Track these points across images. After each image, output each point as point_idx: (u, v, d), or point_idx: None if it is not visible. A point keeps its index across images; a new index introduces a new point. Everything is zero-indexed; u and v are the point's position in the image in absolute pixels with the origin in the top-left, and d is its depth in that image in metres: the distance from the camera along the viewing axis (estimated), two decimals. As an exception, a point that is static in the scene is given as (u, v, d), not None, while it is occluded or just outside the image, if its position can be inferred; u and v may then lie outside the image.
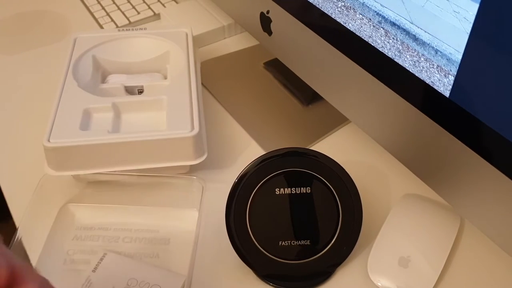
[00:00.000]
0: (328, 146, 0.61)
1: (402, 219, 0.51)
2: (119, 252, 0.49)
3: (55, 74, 0.58)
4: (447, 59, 0.37)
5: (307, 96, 0.66)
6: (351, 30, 0.45)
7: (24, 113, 0.65)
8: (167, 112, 0.53)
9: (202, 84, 0.66)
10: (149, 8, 0.83)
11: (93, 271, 0.47)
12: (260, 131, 0.62)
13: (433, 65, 0.38)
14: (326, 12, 0.48)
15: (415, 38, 0.39)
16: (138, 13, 0.82)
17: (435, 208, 0.52)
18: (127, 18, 0.81)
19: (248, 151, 0.60)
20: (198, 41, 0.75)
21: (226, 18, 0.78)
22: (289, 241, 0.47)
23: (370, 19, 0.43)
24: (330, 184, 0.47)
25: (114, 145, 0.50)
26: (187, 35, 0.64)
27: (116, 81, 0.61)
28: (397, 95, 0.43)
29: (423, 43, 0.39)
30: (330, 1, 0.47)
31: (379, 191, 0.56)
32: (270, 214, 0.47)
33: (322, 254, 0.47)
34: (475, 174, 0.39)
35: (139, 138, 0.50)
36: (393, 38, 0.41)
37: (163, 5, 0.83)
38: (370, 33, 0.43)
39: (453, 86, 0.38)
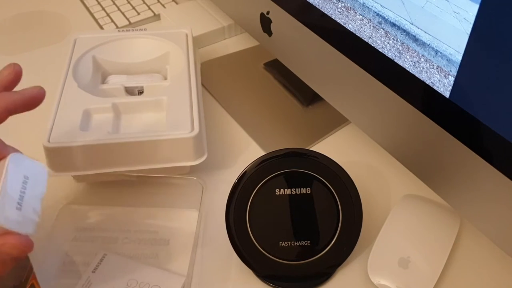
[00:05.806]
0: (328, 146, 0.61)
1: (402, 220, 0.51)
2: (118, 253, 0.49)
3: (55, 74, 0.58)
4: (447, 60, 0.37)
5: (307, 96, 0.65)
6: (351, 31, 0.45)
7: (24, 114, 0.65)
8: (167, 113, 0.53)
9: (202, 84, 0.66)
10: (149, 8, 0.83)
11: (93, 272, 0.47)
12: (260, 131, 0.62)
13: (433, 65, 0.38)
14: (326, 12, 0.48)
15: (415, 39, 0.39)
16: (138, 13, 0.82)
17: (435, 209, 0.52)
18: (127, 19, 0.81)
19: (248, 151, 0.60)
20: (198, 41, 0.75)
21: (226, 19, 0.78)
22: (289, 242, 0.47)
23: (370, 20, 0.43)
24: (330, 185, 0.47)
25: (114, 146, 0.50)
26: (187, 35, 0.64)
27: (116, 81, 0.60)
28: (397, 96, 0.43)
29: (423, 44, 0.39)
30: (330, 1, 0.47)
31: (379, 192, 0.56)
32: (270, 215, 0.47)
33: (322, 254, 0.47)
34: (475, 175, 0.39)
35: (139, 138, 0.50)
36: (393, 39, 0.41)
37: (163, 5, 0.84)
38: (370, 34, 0.43)
39: (453, 87, 0.38)
